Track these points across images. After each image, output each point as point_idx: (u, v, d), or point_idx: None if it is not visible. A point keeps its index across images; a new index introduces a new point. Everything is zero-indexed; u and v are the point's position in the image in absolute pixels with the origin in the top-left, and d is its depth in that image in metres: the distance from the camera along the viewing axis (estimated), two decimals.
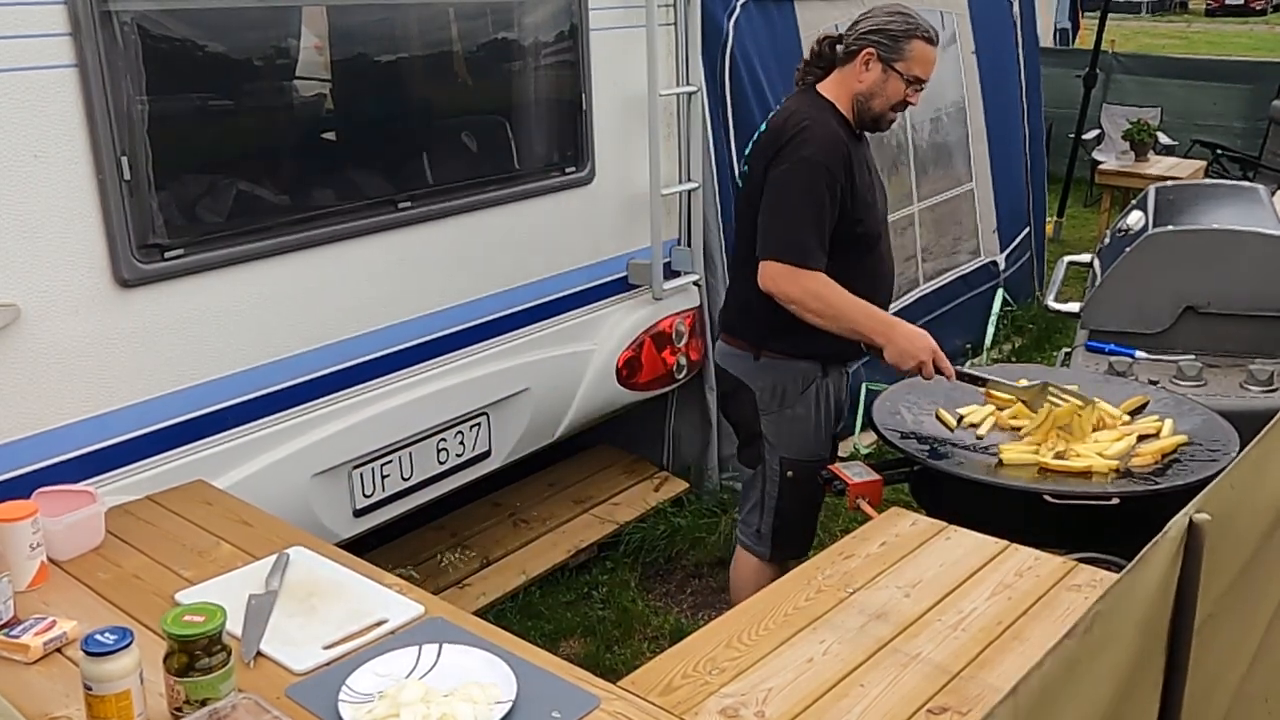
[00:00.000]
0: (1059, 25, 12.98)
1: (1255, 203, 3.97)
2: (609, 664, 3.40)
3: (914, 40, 2.84)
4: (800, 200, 2.78)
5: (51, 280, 2.42)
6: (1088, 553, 2.40)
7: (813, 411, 3.02)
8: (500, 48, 3.37)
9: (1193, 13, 38.68)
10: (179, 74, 2.61)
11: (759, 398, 3.01)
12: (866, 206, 2.91)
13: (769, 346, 2.97)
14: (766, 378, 2.99)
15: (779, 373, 2.98)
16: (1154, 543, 1.26)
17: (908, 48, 2.84)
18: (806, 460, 3.02)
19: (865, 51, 2.85)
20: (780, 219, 2.81)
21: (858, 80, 2.88)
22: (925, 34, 2.86)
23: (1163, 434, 2.82)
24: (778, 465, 3.03)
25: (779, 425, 3.01)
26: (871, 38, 2.85)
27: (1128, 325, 3.61)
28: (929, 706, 1.83)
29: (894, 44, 2.84)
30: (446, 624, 1.96)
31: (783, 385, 2.98)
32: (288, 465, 2.90)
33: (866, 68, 2.86)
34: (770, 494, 3.07)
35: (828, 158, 2.79)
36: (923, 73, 2.88)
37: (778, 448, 3.03)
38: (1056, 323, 6.02)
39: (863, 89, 2.88)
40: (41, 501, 2.16)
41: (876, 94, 2.88)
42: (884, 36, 2.84)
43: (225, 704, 1.66)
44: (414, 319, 3.20)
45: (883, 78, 2.86)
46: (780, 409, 3.00)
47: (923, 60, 2.86)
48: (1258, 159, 9.04)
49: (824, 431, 3.06)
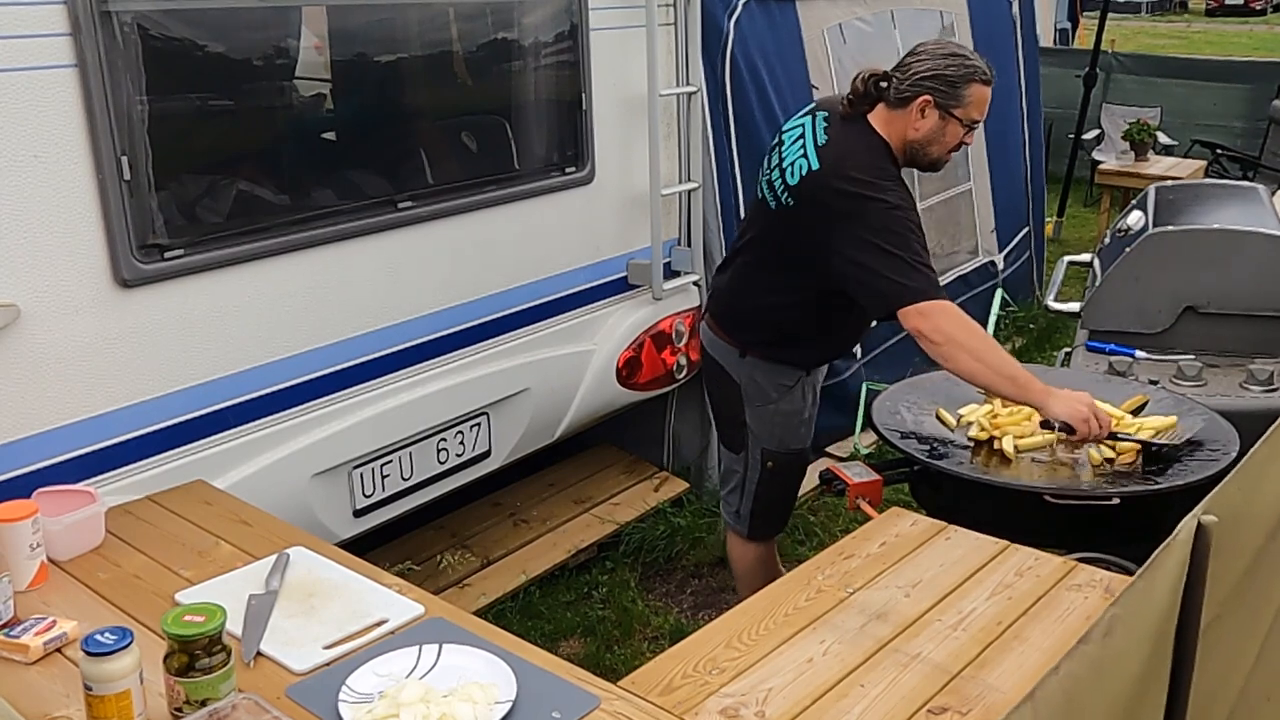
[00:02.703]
0: (1059, 25, 12.97)
1: (1255, 203, 3.97)
2: (609, 664, 3.40)
3: (973, 85, 2.72)
4: (913, 238, 2.66)
5: (51, 280, 2.42)
6: (1088, 552, 2.40)
7: (795, 407, 3.05)
8: (500, 48, 3.37)
9: (1193, 13, 38.69)
10: (179, 74, 2.61)
11: (744, 390, 3.03)
12: None
13: (754, 350, 3.00)
14: (751, 373, 3.01)
15: (764, 371, 3.00)
16: (1165, 545, 1.25)
17: (966, 93, 2.72)
18: (786, 452, 3.08)
19: (921, 99, 2.72)
20: (902, 258, 2.63)
21: (913, 128, 2.75)
22: (984, 76, 2.73)
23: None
24: (759, 455, 3.08)
25: (763, 418, 3.04)
26: (928, 84, 2.71)
27: (1128, 325, 3.61)
28: (929, 706, 1.83)
29: (952, 90, 2.71)
30: (446, 624, 1.96)
31: (768, 383, 3.01)
32: (288, 465, 2.90)
33: (923, 115, 2.73)
34: (751, 479, 3.12)
35: (908, 201, 2.73)
36: (979, 115, 2.77)
37: (760, 439, 3.06)
38: (1056, 323, 6.02)
39: (919, 137, 2.76)
40: (41, 501, 2.16)
41: (934, 141, 2.77)
42: (941, 83, 2.71)
43: (225, 704, 1.66)
44: (414, 319, 3.20)
45: (940, 125, 2.74)
46: (764, 403, 3.03)
47: (980, 103, 2.75)
48: (1258, 159, 9.03)
49: (803, 426, 3.11)
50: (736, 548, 3.29)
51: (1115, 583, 2.20)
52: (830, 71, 4.61)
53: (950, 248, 5.75)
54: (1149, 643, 1.27)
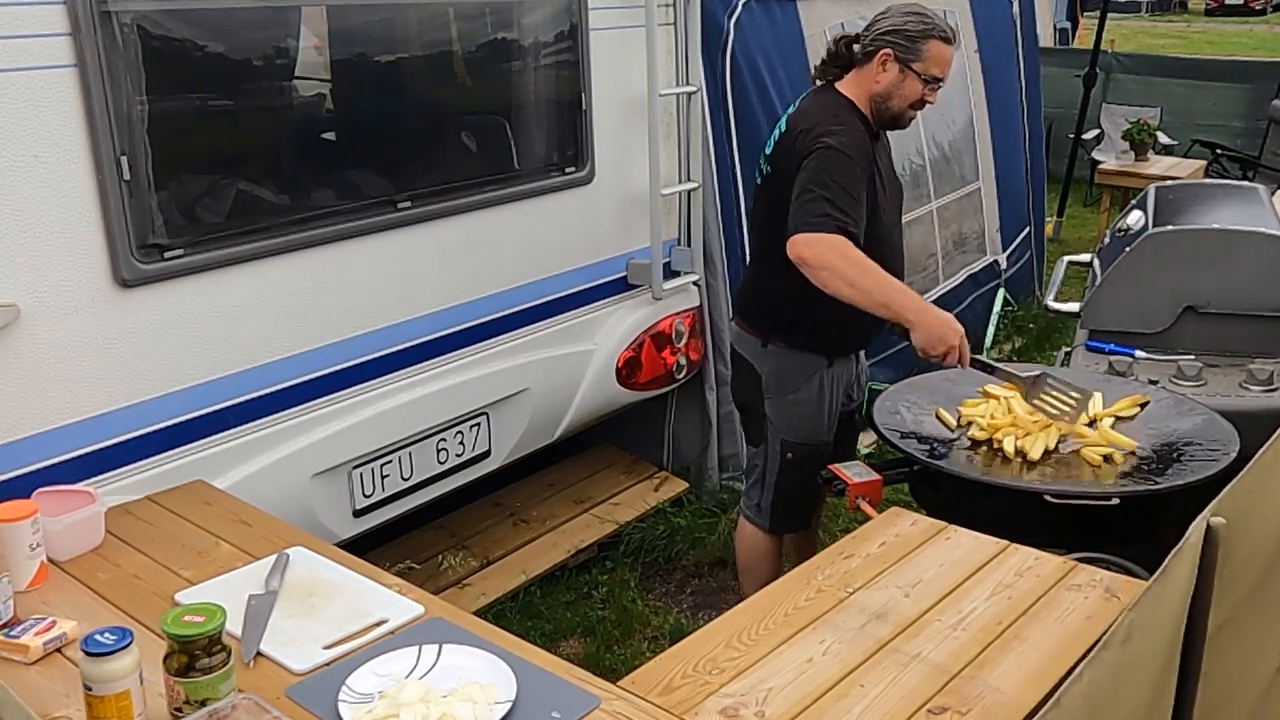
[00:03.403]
0: (1059, 25, 12.97)
1: (1255, 203, 3.97)
2: (609, 664, 3.40)
3: (931, 40, 2.86)
4: (838, 178, 2.78)
5: (51, 280, 2.42)
6: (1088, 552, 2.40)
7: (814, 398, 3.10)
8: (500, 48, 3.37)
9: (1193, 12, 38.65)
10: (179, 74, 2.61)
11: (764, 382, 3.11)
12: (878, 204, 2.94)
13: (776, 336, 3.07)
14: (772, 364, 3.09)
15: (784, 360, 3.08)
16: (1177, 550, 1.25)
17: (925, 48, 2.86)
18: (806, 444, 3.11)
19: (882, 52, 2.88)
20: (815, 193, 2.77)
21: (875, 81, 2.91)
22: (942, 34, 2.88)
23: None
24: (778, 447, 3.14)
25: (781, 409, 3.11)
26: (888, 38, 2.87)
27: (1128, 325, 3.61)
28: (929, 706, 1.83)
29: (911, 44, 2.86)
30: (446, 624, 1.96)
31: (787, 372, 3.08)
32: (288, 465, 2.90)
33: (884, 68, 2.89)
34: (771, 471, 3.18)
35: (856, 148, 2.84)
36: (940, 72, 2.90)
37: (779, 430, 3.13)
38: (1056, 322, 6.02)
39: (880, 89, 2.91)
40: (41, 501, 2.16)
41: (894, 94, 2.91)
42: (900, 37, 2.86)
43: (225, 704, 1.66)
44: (414, 319, 3.20)
45: (900, 78, 2.89)
46: (782, 394, 3.10)
47: (940, 60, 2.89)
48: (1258, 159, 9.03)
49: (827, 417, 3.14)
50: (746, 540, 3.33)
51: (1115, 583, 2.20)
52: None
53: (961, 247, 5.76)
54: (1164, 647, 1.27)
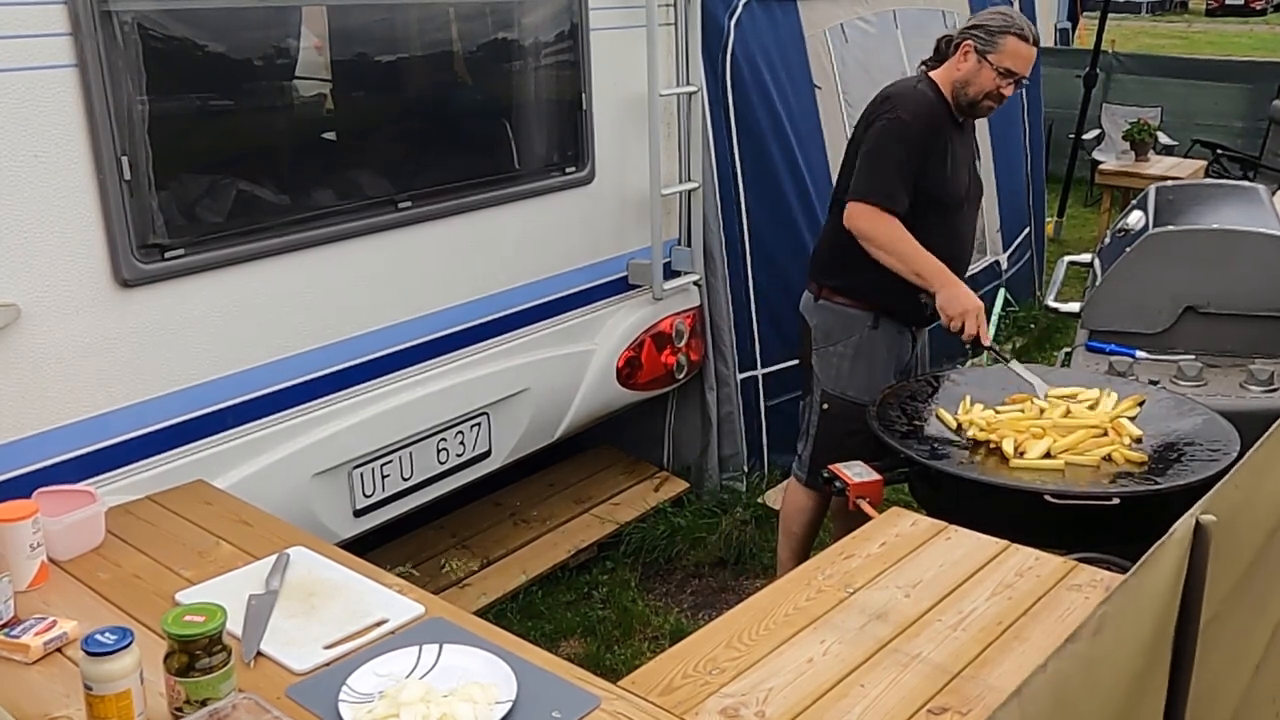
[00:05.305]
0: (1059, 25, 12.96)
1: (1255, 203, 3.97)
2: (609, 664, 3.40)
3: (1008, 36, 3.13)
4: (888, 151, 3.11)
5: (52, 280, 2.42)
6: (1088, 552, 2.40)
7: (853, 353, 3.30)
8: (500, 48, 3.37)
9: (1193, 13, 38.67)
10: (179, 74, 2.61)
11: (814, 334, 3.38)
12: (949, 176, 3.20)
13: (828, 287, 3.33)
14: (821, 316, 3.36)
15: (831, 315, 3.33)
16: (1160, 544, 1.25)
17: (1001, 42, 3.13)
18: (842, 398, 3.30)
19: (965, 43, 3.19)
20: (868, 166, 3.14)
21: (956, 69, 3.21)
22: (1020, 31, 3.14)
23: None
24: (819, 396, 3.38)
25: (823, 360, 3.36)
26: (971, 31, 3.20)
27: (1128, 325, 3.62)
28: (929, 706, 1.83)
29: (990, 38, 3.15)
30: (447, 624, 1.96)
31: (833, 325, 3.33)
32: (288, 465, 2.90)
33: (964, 58, 3.19)
34: (811, 422, 3.42)
35: (916, 120, 3.13)
36: (1014, 66, 3.15)
37: (821, 381, 3.37)
38: (1056, 323, 6.02)
39: (960, 77, 3.20)
40: (41, 501, 2.16)
41: (971, 82, 3.19)
42: (982, 31, 3.17)
43: (225, 704, 1.66)
44: (414, 319, 3.20)
45: (976, 67, 3.17)
46: (826, 346, 3.34)
47: (1014, 55, 3.14)
48: (1258, 159, 9.03)
49: (865, 376, 3.29)
50: (789, 495, 3.54)
51: (1115, 583, 2.19)
52: (833, 71, 4.61)
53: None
54: (1146, 641, 1.27)
